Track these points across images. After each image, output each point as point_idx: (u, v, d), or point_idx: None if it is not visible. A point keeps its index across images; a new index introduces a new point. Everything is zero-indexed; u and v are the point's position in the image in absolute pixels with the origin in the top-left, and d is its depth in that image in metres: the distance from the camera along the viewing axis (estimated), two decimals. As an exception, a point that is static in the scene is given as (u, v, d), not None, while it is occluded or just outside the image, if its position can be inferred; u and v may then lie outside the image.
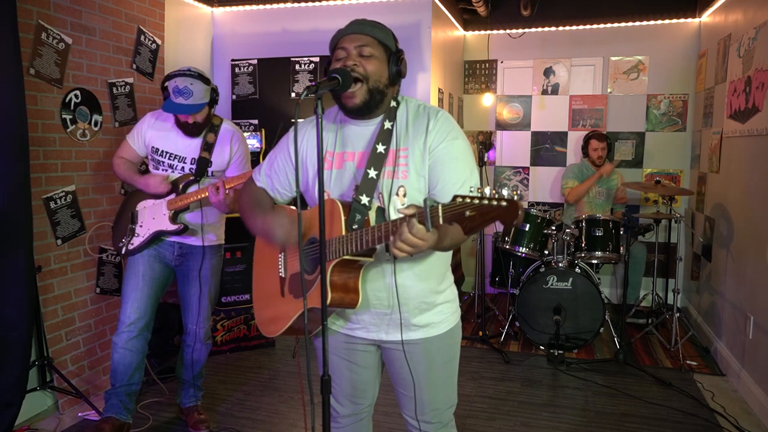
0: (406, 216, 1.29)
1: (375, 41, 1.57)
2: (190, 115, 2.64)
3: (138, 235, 2.78)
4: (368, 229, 1.41)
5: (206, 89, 2.66)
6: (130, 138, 2.82)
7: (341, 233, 1.50)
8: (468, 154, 1.59)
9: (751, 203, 3.43)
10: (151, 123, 2.78)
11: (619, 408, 3.21)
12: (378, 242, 1.39)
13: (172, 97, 2.60)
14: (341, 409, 1.83)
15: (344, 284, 1.54)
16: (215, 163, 2.76)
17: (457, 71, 5.26)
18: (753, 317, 3.27)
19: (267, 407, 3.21)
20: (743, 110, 3.53)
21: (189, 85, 2.58)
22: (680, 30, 4.99)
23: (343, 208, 1.53)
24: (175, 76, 2.61)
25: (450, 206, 1.19)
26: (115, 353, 2.76)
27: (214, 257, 2.88)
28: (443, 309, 1.71)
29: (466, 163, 1.57)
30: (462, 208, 1.17)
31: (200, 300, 2.84)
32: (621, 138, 5.19)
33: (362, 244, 1.42)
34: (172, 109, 2.62)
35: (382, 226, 1.37)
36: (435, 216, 1.22)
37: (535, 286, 3.99)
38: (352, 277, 1.55)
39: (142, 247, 2.77)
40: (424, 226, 1.25)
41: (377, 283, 1.62)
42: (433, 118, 1.59)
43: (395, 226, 1.33)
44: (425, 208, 1.23)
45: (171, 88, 2.60)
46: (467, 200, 1.17)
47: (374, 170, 1.56)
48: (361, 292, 1.57)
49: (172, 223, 2.74)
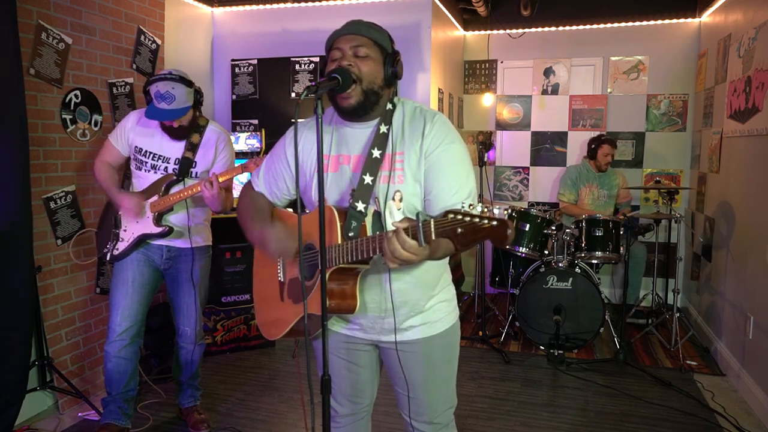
0: (399, 229, 1.29)
1: (371, 42, 1.56)
2: (175, 120, 2.59)
3: (122, 239, 2.72)
4: (363, 239, 1.42)
5: (189, 92, 2.59)
6: (113, 138, 2.75)
7: (338, 241, 1.50)
8: (465, 159, 1.58)
9: (751, 203, 3.43)
10: (135, 123, 2.71)
11: (619, 408, 3.21)
12: (373, 253, 1.40)
13: (155, 102, 2.54)
14: (340, 409, 1.83)
15: (342, 291, 1.55)
16: (200, 164, 2.72)
17: (457, 71, 5.26)
18: (753, 317, 3.27)
19: (267, 407, 3.21)
20: (743, 110, 3.53)
21: (171, 89, 2.52)
22: (680, 30, 4.99)
23: (339, 214, 1.53)
24: (156, 81, 2.55)
25: (442, 222, 1.20)
26: (108, 362, 2.71)
27: (202, 258, 2.85)
28: (439, 308, 1.71)
29: (463, 168, 1.56)
30: (453, 225, 1.18)
31: (190, 302, 2.81)
32: (621, 138, 5.19)
33: (358, 254, 1.43)
34: (155, 115, 2.56)
35: (377, 238, 1.38)
36: (427, 231, 1.23)
37: (535, 286, 3.99)
38: (350, 284, 1.56)
39: (127, 251, 2.71)
40: (416, 241, 1.26)
41: (373, 288, 1.62)
42: (429, 121, 1.57)
43: (383, 239, 1.34)
44: (417, 222, 1.25)
45: (153, 93, 2.54)
46: (458, 217, 1.17)
47: (370, 176, 1.55)
48: (359, 298, 1.57)
49: (157, 226, 2.68)
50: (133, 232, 2.71)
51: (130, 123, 2.73)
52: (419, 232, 1.24)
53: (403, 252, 1.29)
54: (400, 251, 1.29)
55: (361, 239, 1.43)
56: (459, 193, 1.51)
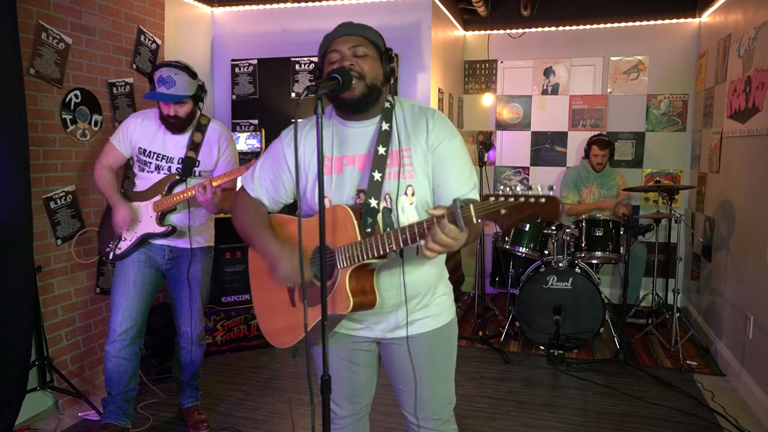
0: (436, 217, 1.32)
1: (367, 41, 1.58)
2: (171, 105, 2.57)
3: (125, 239, 2.72)
4: (396, 231, 1.43)
5: (191, 82, 2.60)
6: (115, 140, 2.75)
7: (356, 238, 1.50)
8: (466, 153, 1.65)
9: (751, 203, 3.43)
10: (137, 123, 2.72)
11: (619, 408, 3.21)
12: (405, 244, 1.42)
13: (156, 87, 2.57)
14: (340, 411, 1.83)
15: (362, 288, 1.56)
16: (202, 163, 2.72)
17: (457, 71, 5.26)
18: (753, 317, 3.27)
19: (267, 407, 3.21)
20: (743, 110, 3.53)
21: (173, 75, 2.54)
22: (680, 30, 4.99)
23: (354, 213, 1.53)
24: (161, 66, 2.59)
25: (483, 206, 1.25)
26: (108, 362, 2.71)
27: (204, 259, 2.84)
28: (441, 301, 1.74)
29: (466, 161, 1.62)
30: (497, 206, 1.23)
31: (191, 302, 2.81)
32: (621, 138, 5.19)
33: (385, 247, 1.44)
34: (152, 96, 2.58)
35: (414, 227, 1.39)
36: (468, 216, 1.27)
37: (535, 286, 3.99)
38: (368, 280, 1.57)
39: (130, 251, 2.71)
40: (456, 226, 1.30)
41: (386, 285, 1.63)
42: (431, 118, 1.61)
43: (421, 228, 1.37)
44: (456, 208, 1.28)
45: (156, 78, 2.57)
46: (501, 199, 1.23)
47: (378, 173, 1.56)
48: (377, 292, 1.58)
49: (159, 225, 2.69)
50: (135, 232, 2.72)
51: (133, 124, 2.73)
52: (458, 215, 1.28)
53: (444, 237, 1.32)
54: (441, 236, 1.32)
55: (389, 232, 1.44)
56: (465, 185, 1.58)
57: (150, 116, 2.73)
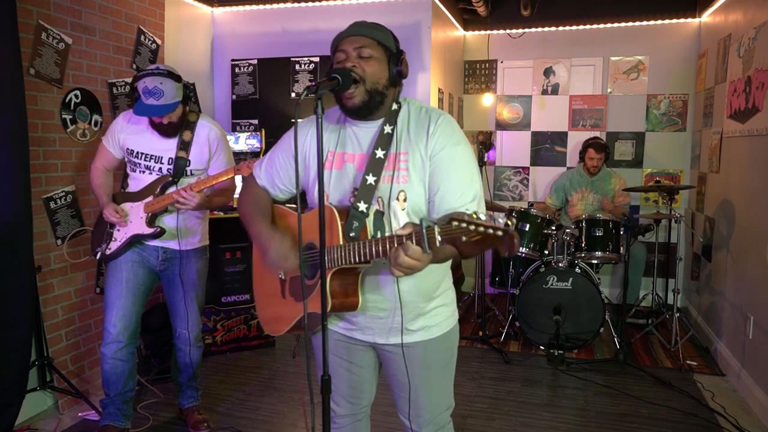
0: (402, 237, 1.28)
1: (374, 42, 1.56)
2: (164, 116, 2.54)
3: (115, 239, 2.70)
4: (366, 242, 1.42)
5: (177, 87, 2.55)
6: (106, 141, 2.73)
7: (339, 241, 1.50)
8: (470, 160, 1.56)
9: (751, 203, 3.43)
10: (124, 124, 2.68)
11: (619, 408, 3.21)
12: (374, 257, 1.39)
13: (143, 99, 2.49)
14: (339, 410, 1.83)
15: (344, 290, 1.55)
16: (194, 162, 2.68)
17: (457, 71, 5.26)
18: (753, 317, 3.27)
19: (267, 407, 3.21)
20: (743, 110, 3.53)
21: (159, 84, 2.47)
22: (680, 30, 4.99)
23: (340, 214, 1.52)
24: (143, 76, 2.49)
25: (447, 229, 1.19)
26: (104, 364, 2.70)
27: (199, 260, 2.82)
28: (438, 312, 1.70)
29: (468, 170, 1.54)
30: (459, 233, 1.17)
31: (187, 304, 2.80)
32: (621, 138, 5.19)
33: (360, 256, 1.43)
34: (143, 111, 2.52)
35: (380, 242, 1.37)
36: (432, 237, 1.22)
37: (535, 286, 3.99)
38: (351, 283, 1.56)
39: (119, 251, 2.69)
40: (420, 248, 1.26)
41: (378, 289, 1.61)
42: (434, 122, 1.56)
43: (392, 242, 1.33)
44: (421, 229, 1.23)
45: (141, 89, 2.49)
46: (462, 225, 1.17)
47: (373, 176, 1.55)
48: (360, 295, 1.57)
49: (149, 227, 2.66)
50: (126, 232, 2.70)
51: (119, 124, 2.70)
52: (423, 238, 1.23)
53: (406, 259, 1.28)
54: (403, 258, 1.28)
55: (363, 242, 1.43)
56: (464, 195, 1.50)
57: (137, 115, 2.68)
